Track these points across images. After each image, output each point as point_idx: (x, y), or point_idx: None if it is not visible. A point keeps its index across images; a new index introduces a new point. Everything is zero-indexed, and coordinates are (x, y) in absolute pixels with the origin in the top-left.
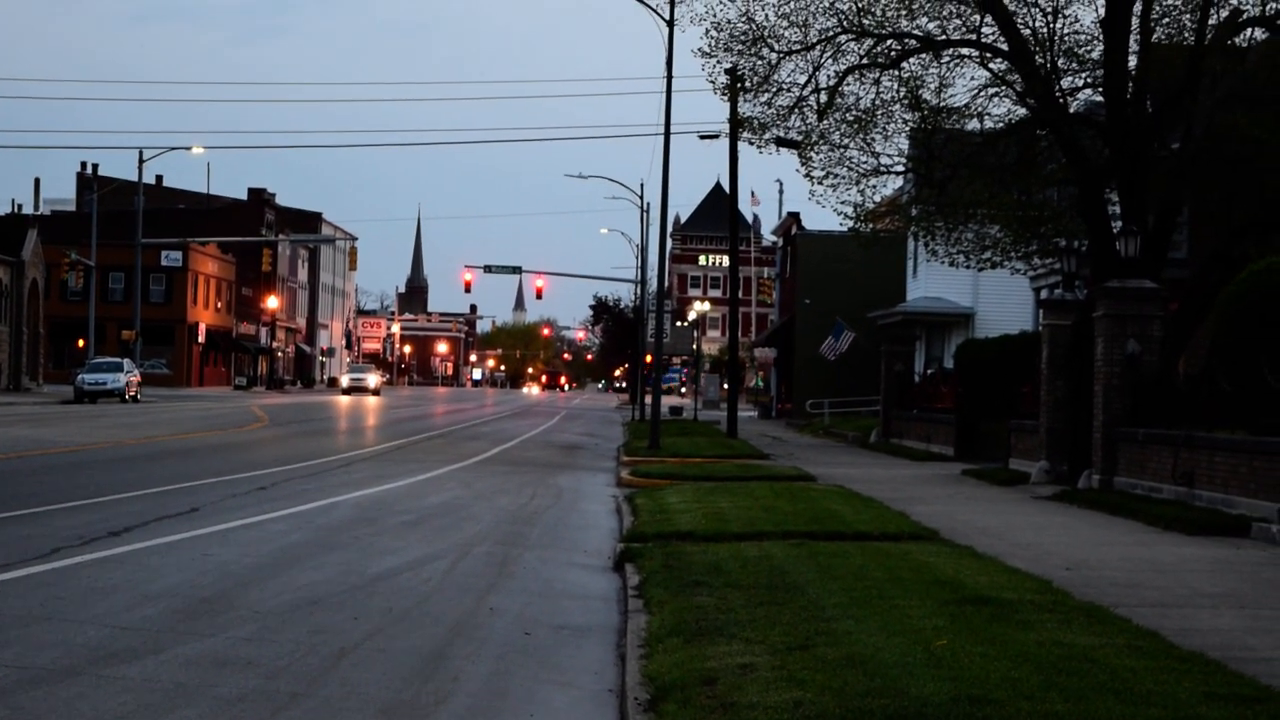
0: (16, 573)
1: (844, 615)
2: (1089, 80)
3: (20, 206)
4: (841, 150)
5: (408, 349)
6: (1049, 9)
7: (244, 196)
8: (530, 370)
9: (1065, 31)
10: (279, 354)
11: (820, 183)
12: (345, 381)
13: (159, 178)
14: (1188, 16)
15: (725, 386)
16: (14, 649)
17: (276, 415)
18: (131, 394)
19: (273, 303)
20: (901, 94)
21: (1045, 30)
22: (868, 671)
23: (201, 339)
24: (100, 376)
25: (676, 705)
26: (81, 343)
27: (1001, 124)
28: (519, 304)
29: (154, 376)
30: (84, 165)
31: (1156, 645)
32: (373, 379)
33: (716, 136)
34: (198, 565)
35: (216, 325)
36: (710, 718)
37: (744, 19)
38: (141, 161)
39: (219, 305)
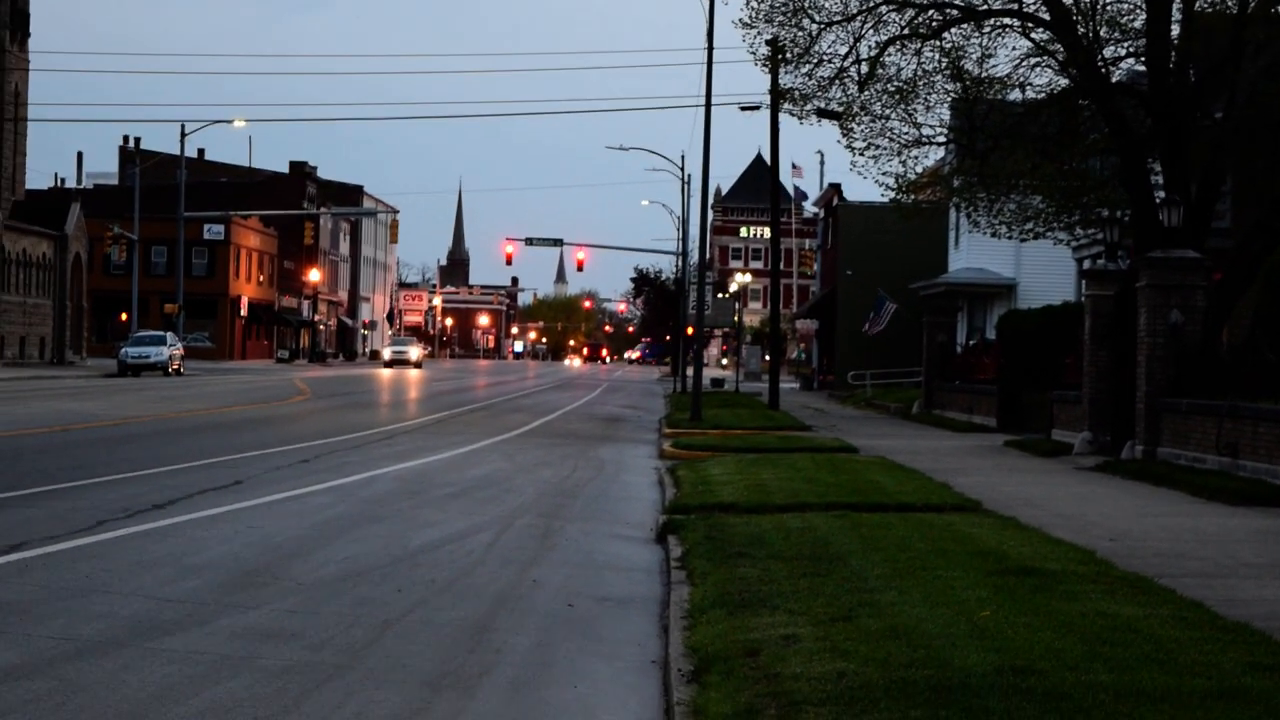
0: (62, 545)
1: (887, 586)
2: (1131, 50)
3: (63, 180)
4: (883, 121)
5: (449, 322)
6: None
7: (285, 170)
8: (571, 343)
9: (1107, 1)
10: (321, 327)
11: (862, 154)
12: (387, 355)
13: (201, 151)
14: None
15: (767, 358)
16: (60, 621)
17: (319, 388)
18: (174, 367)
19: (314, 276)
20: (943, 64)
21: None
22: (911, 642)
23: (244, 312)
24: (143, 350)
25: (720, 676)
26: (124, 316)
27: (1044, 94)
28: (560, 276)
29: (197, 350)
30: (126, 139)
31: (1201, 616)
32: (414, 352)
33: (757, 108)
34: (242, 538)
35: (259, 298)
36: (754, 689)
37: None
38: (183, 135)
39: (261, 278)
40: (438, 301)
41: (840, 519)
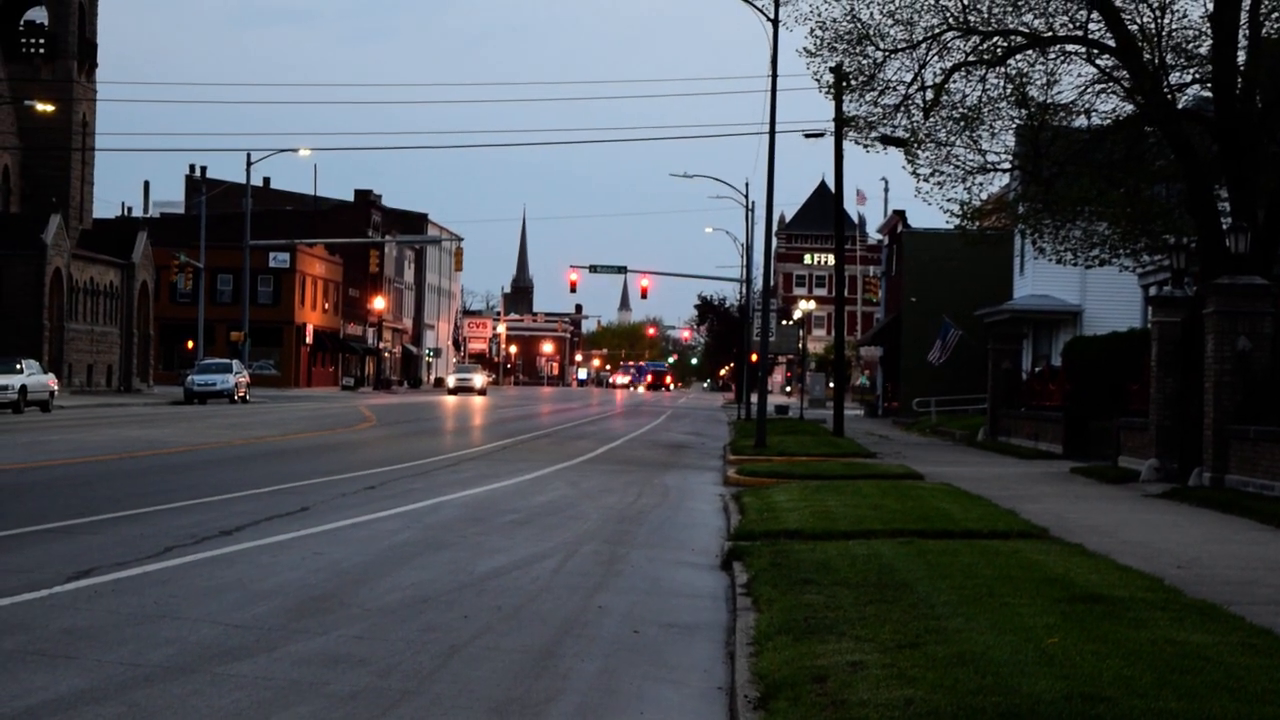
0: (131, 571)
1: (954, 613)
2: (1197, 75)
3: (130, 209)
4: (947, 148)
5: (513, 349)
6: (1156, 4)
7: (350, 198)
8: None
9: (1173, 27)
10: (385, 354)
11: (926, 180)
12: (451, 382)
13: (266, 180)
14: None
15: (831, 385)
16: (130, 646)
17: (384, 415)
18: (240, 395)
19: (379, 303)
20: (1008, 91)
21: (1153, 26)
22: (979, 669)
23: (309, 340)
24: (209, 378)
25: (787, 703)
26: (191, 344)
27: (1109, 120)
28: (624, 304)
29: (262, 377)
30: (192, 168)
31: (1271, 643)
32: (479, 379)
33: (821, 135)
34: (309, 564)
35: (324, 326)
36: (821, 715)
37: (849, 18)
38: (249, 164)
39: (326, 306)
40: (502, 329)
41: (906, 545)
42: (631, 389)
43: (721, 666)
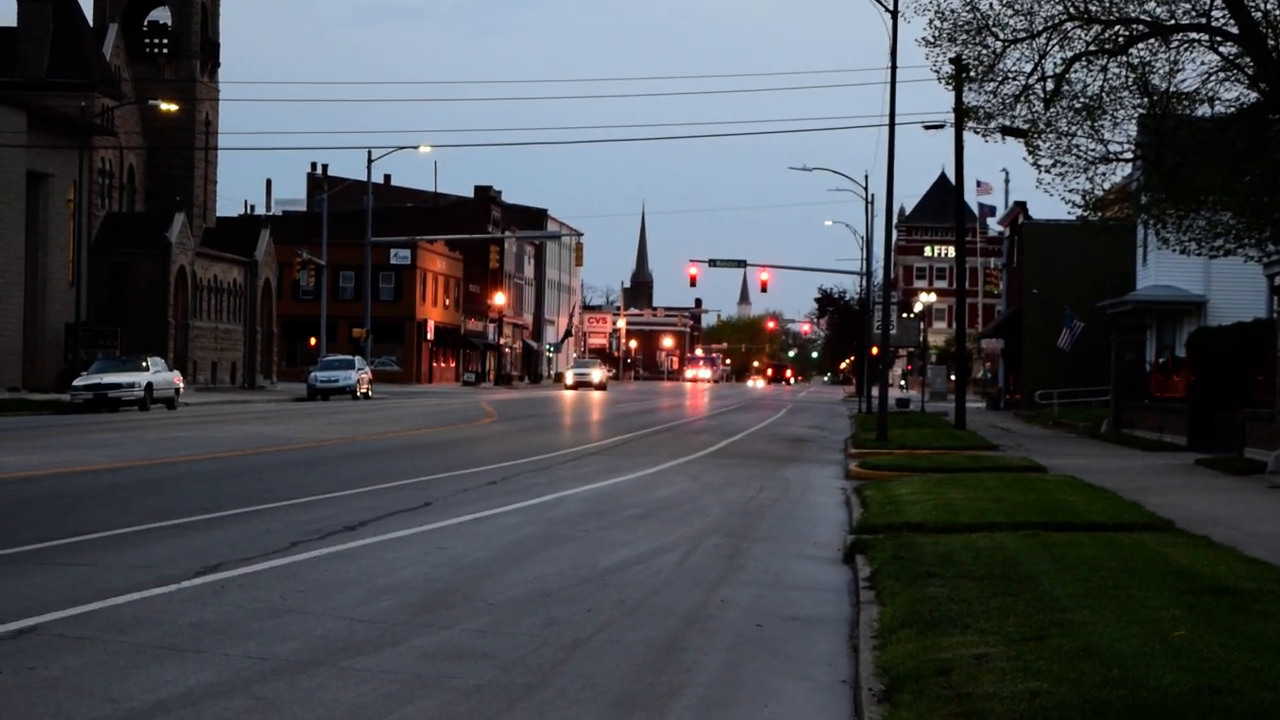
0: (257, 566)
1: (1078, 605)
2: None
3: (253, 208)
4: (1069, 138)
5: (633, 344)
6: None
7: (470, 194)
8: (755, 364)
9: None
10: (506, 350)
11: (1048, 171)
12: (570, 377)
13: (387, 177)
14: None
15: (952, 378)
16: (256, 640)
17: (504, 410)
18: (362, 391)
19: (499, 299)
20: (1129, 80)
21: (1277, 12)
22: (1105, 662)
23: (430, 336)
24: (332, 374)
25: (912, 695)
26: (313, 341)
27: (1233, 108)
28: (744, 298)
29: (384, 373)
30: (314, 166)
31: None
32: (597, 374)
33: (941, 126)
34: (431, 559)
35: (444, 322)
36: (946, 708)
37: (968, 8)
38: (370, 161)
39: (447, 302)
40: (622, 324)
41: (1029, 538)
42: (710, 382)
43: (845, 660)
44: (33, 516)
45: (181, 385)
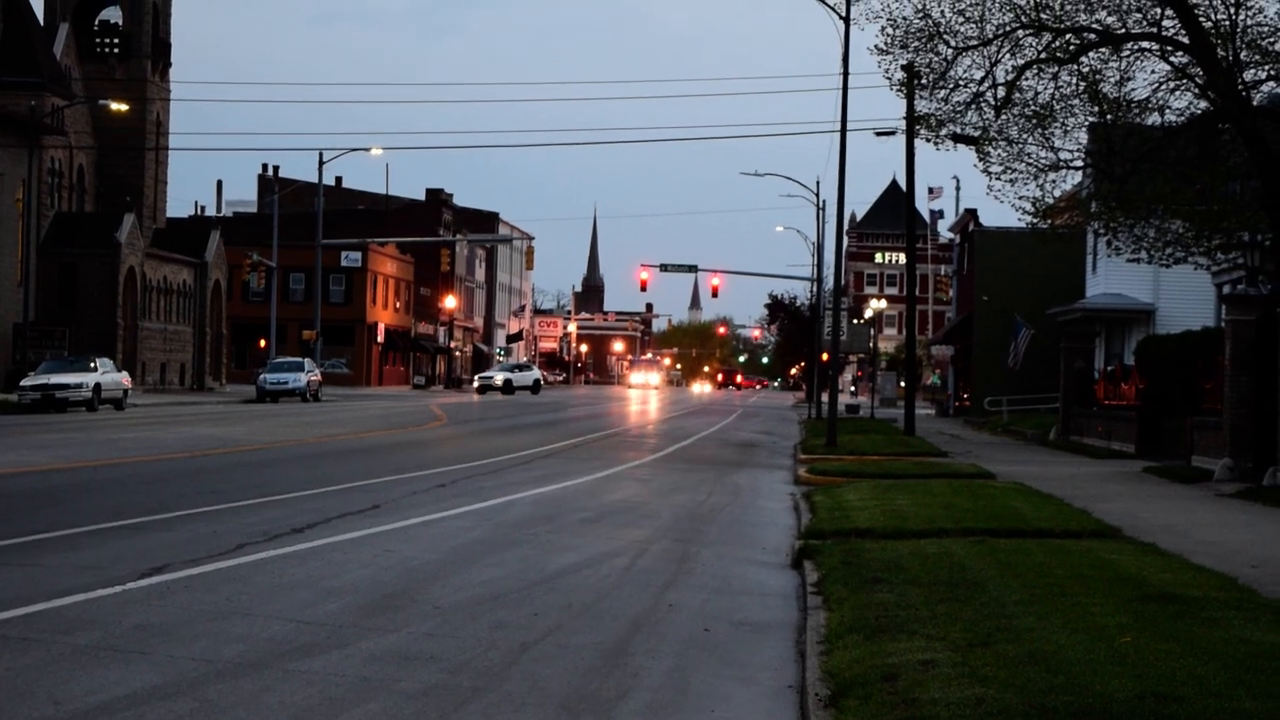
0: (204, 568)
1: (1025, 612)
2: (1272, 73)
3: (204, 209)
4: (1019, 145)
5: (584, 348)
6: (1231, 1)
7: (422, 197)
8: (706, 369)
9: (1248, 24)
10: (457, 353)
11: (998, 178)
12: (478, 381)
13: (338, 179)
14: None
15: (902, 384)
16: (202, 643)
17: (455, 414)
18: (312, 393)
19: (450, 302)
20: (1080, 88)
21: (1227, 23)
22: (1050, 668)
23: (380, 339)
24: (282, 376)
25: (858, 701)
26: (263, 343)
27: (1183, 117)
28: (694, 303)
29: (334, 376)
30: (265, 167)
31: None
32: (500, 376)
33: (893, 133)
34: (379, 561)
35: (395, 325)
36: (892, 714)
37: (920, 15)
38: (321, 163)
39: (398, 305)
40: (573, 328)
41: (977, 545)
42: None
43: (792, 665)
44: None
45: (130, 386)
